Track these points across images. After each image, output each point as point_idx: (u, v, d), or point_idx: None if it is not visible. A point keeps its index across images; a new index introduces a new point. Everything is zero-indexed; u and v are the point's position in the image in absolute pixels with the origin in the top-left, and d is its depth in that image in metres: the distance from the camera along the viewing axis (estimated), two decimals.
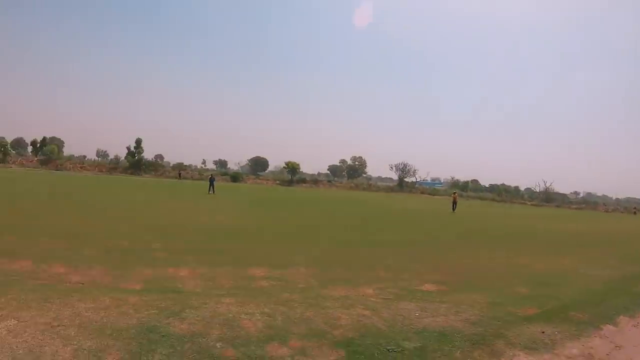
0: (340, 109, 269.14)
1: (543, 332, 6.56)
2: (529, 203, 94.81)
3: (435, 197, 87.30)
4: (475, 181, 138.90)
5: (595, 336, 6.75)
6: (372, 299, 7.51)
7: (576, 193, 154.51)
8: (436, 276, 9.95)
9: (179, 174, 74.49)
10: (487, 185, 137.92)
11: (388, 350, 5.21)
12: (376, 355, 5.06)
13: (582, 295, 9.36)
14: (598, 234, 27.11)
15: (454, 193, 47.51)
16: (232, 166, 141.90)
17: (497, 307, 7.71)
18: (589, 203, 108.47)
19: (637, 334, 7.20)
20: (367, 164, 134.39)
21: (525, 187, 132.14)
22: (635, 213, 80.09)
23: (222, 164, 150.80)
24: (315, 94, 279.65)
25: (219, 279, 8.29)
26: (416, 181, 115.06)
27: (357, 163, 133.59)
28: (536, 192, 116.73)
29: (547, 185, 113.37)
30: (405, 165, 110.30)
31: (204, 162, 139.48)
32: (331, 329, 5.78)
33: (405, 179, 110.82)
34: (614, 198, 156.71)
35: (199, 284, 7.84)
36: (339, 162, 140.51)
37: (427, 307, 7.25)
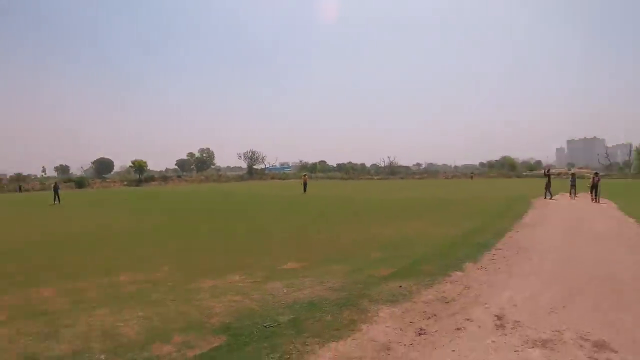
0: (187, 100, 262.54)
1: (400, 287, 7.42)
2: (375, 178, 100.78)
3: (286, 181, 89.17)
4: (323, 162, 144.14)
5: (447, 282, 7.82)
6: (240, 284, 7.80)
7: (418, 164, 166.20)
8: (297, 255, 10.48)
9: (19, 187, 67.91)
10: (334, 165, 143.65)
11: (265, 326, 5.57)
12: (255, 333, 5.38)
13: (431, 251, 10.57)
14: (440, 199, 29.79)
15: (304, 175, 48.44)
16: (75, 171, 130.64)
17: (357, 272, 8.47)
18: (430, 172, 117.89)
19: (481, 274, 8.47)
20: (216, 155, 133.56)
21: (372, 163, 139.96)
22: (472, 177, 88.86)
23: (64, 169, 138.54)
24: (156, 84, 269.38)
25: (85, 292, 7.94)
26: (265, 167, 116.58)
27: (205, 155, 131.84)
28: (381, 167, 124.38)
29: (391, 159, 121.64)
30: (253, 153, 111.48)
31: (44, 170, 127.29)
32: (208, 319, 5.99)
33: (255, 167, 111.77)
34: (452, 166, 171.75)
35: (66, 300, 7.47)
36: (187, 156, 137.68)
37: (293, 283, 7.72)
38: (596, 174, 29.58)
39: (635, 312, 6.28)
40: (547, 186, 28.96)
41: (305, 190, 40.44)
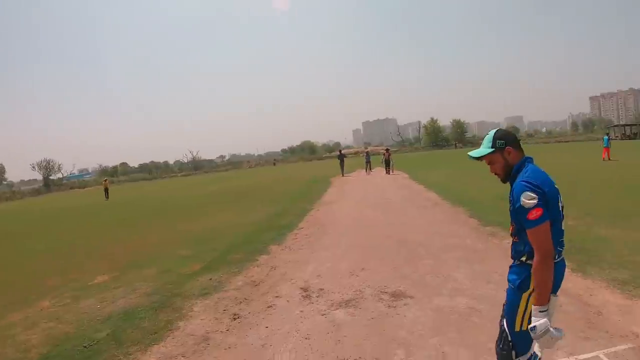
0: None
1: (211, 279, 7.57)
2: (179, 174, 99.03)
3: (87, 189, 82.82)
4: (124, 164, 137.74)
5: (254, 267, 8.22)
6: (51, 310, 7.17)
7: (222, 157, 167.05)
8: (105, 266, 9.91)
9: None
10: (136, 166, 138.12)
11: (85, 347, 5.27)
12: (76, 356, 5.06)
13: (237, 240, 10.90)
14: (244, 188, 30.33)
15: (105, 180, 45.91)
16: None
17: (167, 274, 8.39)
18: (234, 163, 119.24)
19: (285, 254, 9.10)
20: (7, 169, 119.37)
21: (175, 160, 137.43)
22: (274, 164, 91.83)
23: None
24: None
25: None
26: (63, 177, 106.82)
27: None
28: (185, 162, 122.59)
29: (194, 154, 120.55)
30: (48, 162, 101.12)
31: None
32: (26, 354, 5.45)
33: (52, 177, 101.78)
34: (256, 155, 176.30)
35: None
36: None
37: (105, 297, 7.36)
38: (387, 149, 32.98)
39: (424, 264, 7.40)
40: (342, 165, 31.59)
41: (107, 196, 38.14)
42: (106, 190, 39.75)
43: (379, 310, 5.43)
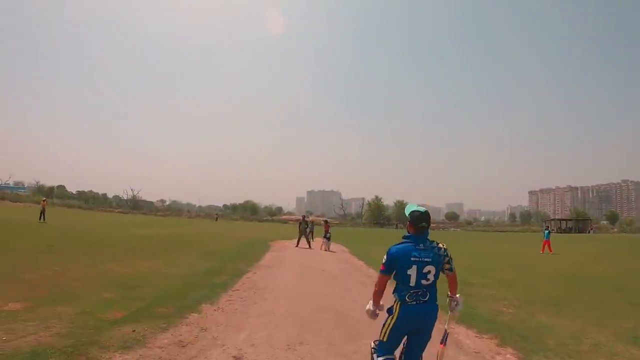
0: None
1: (134, 331, 6.85)
2: (116, 210, 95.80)
3: (18, 204, 78.34)
4: (61, 187, 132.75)
5: (183, 325, 7.53)
6: None
7: (163, 201, 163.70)
8: (21, 293, 8.95)
9: None
10: (74, 192, 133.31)
11: None
12: None
13: (166, 292, 10.11)
14: (181, 238, 29.22)
15: (44, 201, 43.23)
16: None
17: (86, 316, 7.57)
18: (174, 210, 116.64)
19: (218, 316, 8.44)
20: None
21: (114, 194, 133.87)
22: (216, 219, 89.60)
23: None
24: None
25: None
26: None
27: None
28: (124, 199, 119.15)
29: (135, 193, 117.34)
30: None
31: None
32: None
33: None
34: (197, 206, 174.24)
35: None
36: None
37: (14, 329, 6.53)
38: (326, 221, 29.82)
39: (366, 343, 6.88)
40: (307, 233, 28.11)
41: (43, 218, 35.81)
42: (43, 211, 37.54)
43: None
